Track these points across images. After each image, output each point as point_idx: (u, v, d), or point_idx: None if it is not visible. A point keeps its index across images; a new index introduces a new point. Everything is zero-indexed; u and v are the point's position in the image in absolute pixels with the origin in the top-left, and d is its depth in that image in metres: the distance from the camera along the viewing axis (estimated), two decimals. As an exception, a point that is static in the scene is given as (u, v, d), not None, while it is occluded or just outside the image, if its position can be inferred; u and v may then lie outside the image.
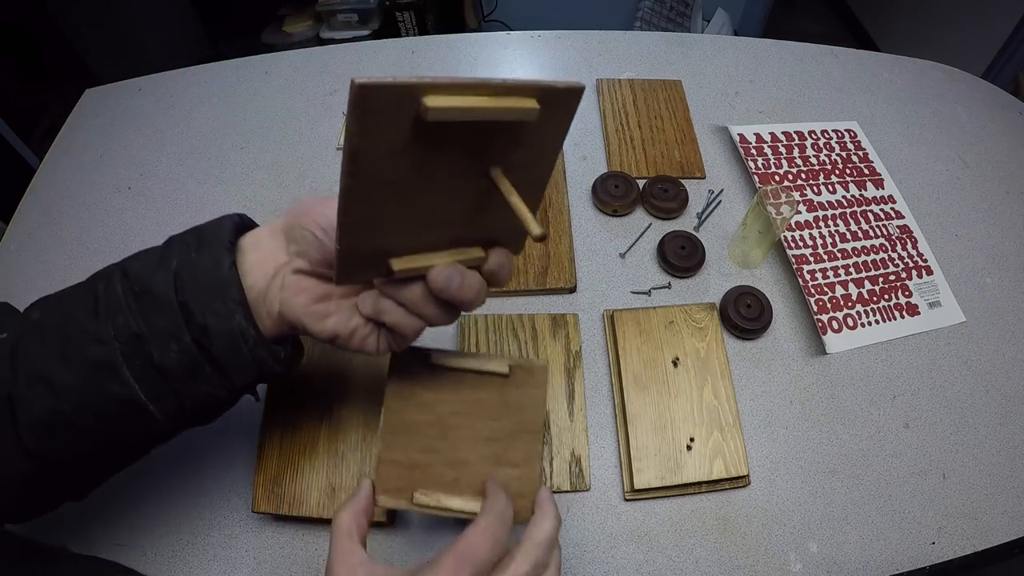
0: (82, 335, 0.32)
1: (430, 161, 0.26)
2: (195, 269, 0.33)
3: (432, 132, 0.25)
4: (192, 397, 0.34)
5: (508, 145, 0.28)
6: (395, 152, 0.25)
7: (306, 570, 0.48)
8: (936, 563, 0.49)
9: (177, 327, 0.32)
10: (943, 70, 0.89)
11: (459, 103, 0.24)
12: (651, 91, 0.79)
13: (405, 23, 1.86)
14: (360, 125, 0.23)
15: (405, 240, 0.29)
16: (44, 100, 1.98)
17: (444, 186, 0.28)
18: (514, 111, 0.25)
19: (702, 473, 0.51)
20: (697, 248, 0.63)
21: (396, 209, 0.28)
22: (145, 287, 0.32)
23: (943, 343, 0.61)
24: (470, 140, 0.27)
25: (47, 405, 0.32)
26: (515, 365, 0.39)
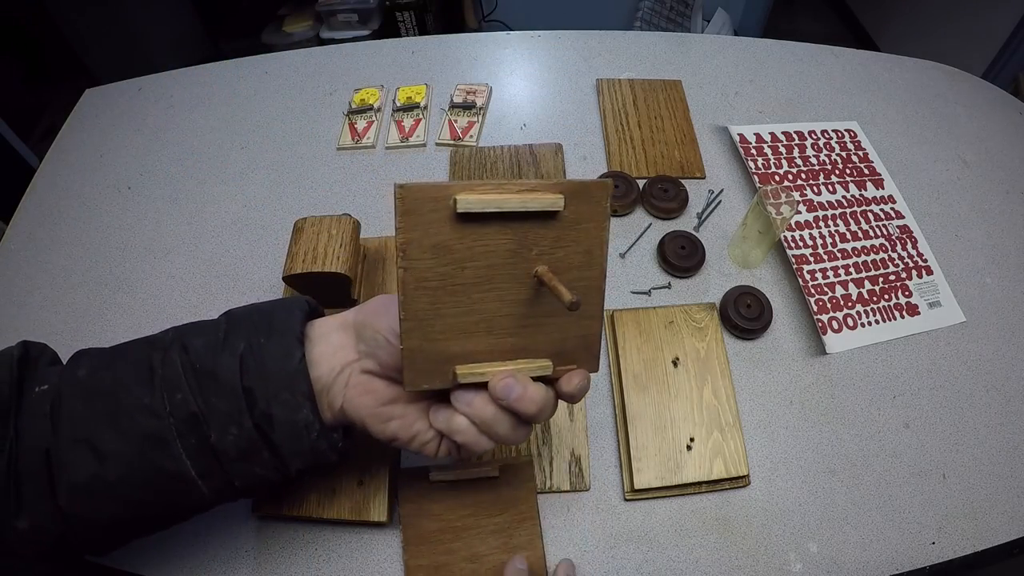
0: (135, 405, 0.32)
1: (477, 256, 0.29)
2: (263, 356, 0.32)
3: (472, 227, 0.28)
4: (243, 477, 0.34)
5: (551, 243, 0.30)
6: (441, 247, 0.28)
7: (306, 570, 0.48)
8: (936, 563, 0.49)
9: (239, 412, 0.32)
10: (943, 70, 0.89)
11: (487, 198, 0.27)
12: (651, 91, 0.79)
13: (405, 23, 1.86)
14: (405, 222, 0.26)
15: (468, 346, 0.30)
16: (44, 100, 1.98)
17: (497, 286, 0.30)
18: (540, 201, 0.28)
19: (702, 473, 0.51)
20: (697, 248, 0.63)
21: (452, 307, 0.29)
22: (208, 368, 0.32)
23: (943, 343, 0.61)
24: (511, 236, 0.29)
25: (90, 470, 0.31)
26: (503, 466, 0.48)
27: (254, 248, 0.66)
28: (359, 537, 0.49)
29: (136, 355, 0.34)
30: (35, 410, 0.32)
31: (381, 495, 0.47)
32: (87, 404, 0.32)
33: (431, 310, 0.28)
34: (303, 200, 0.70)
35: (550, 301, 0.30)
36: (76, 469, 0.32)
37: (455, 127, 0.75)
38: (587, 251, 0.32)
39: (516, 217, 0.28)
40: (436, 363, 0.30)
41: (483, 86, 0.80)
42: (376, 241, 0.59)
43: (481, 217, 0.28)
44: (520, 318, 0.31)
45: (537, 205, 0.29)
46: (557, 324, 0.32)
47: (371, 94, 0.78)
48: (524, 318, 0.31)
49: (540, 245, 0.30)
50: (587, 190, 0.30)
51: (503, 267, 0.29)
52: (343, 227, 0.52)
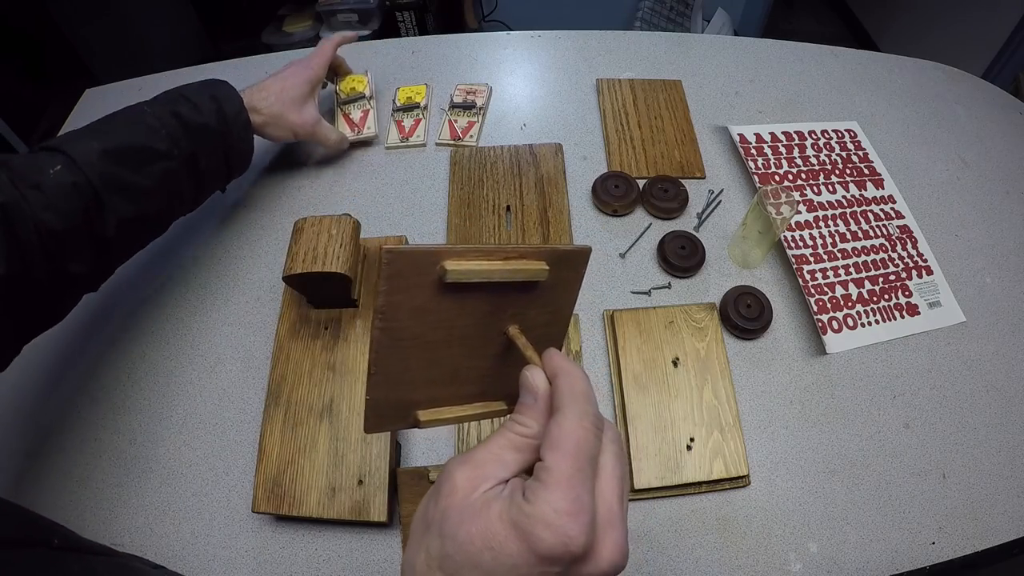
0: (155, 154, 0.51)
1: (453, 319, 0.29)
2: (227, 113, 0.57)
3: (453, 292, 0.28)
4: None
5: (524, 304, 0.31)
6: (420, 310, 0.28)
7: (306, 570, 0.48)
8: (936, 563, 0.49)
9: (218, 145, 0.57)
10: (943, 70, 0.89)
11: (475, 267, 0.27)
12: (651, 91, 0.79)
13: (405, 23, 1.86)
14: (389, 285, 0.26)
15: (431, 392, 0.31)
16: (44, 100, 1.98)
17: (468, 343, 0.30)
18: (526, 272, 0.29)
19: (702, 473, 0.51)
20: (697, 248, 0.63)
21: (423, 364, 0.29)
22: (200, 123, 0.54)
23: (943, 343, 0.61)
24: (489, 300, 0.29)
25: (131, 207, 0.49)
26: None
27: (254, 248, 0.66)
28: (359, 537, 0.49)
29: (139, 124, 0.52)
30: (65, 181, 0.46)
31: (381, 495, 0.47)
32: (118, 164, 0.48)
33: (400, 365, 0.29)
34: (303, 200, 0.70)
35: (514, 355, 0.31)
36: (120, 209, 0.48)
37: (455, 127, 0.75)
38: (556, 310, 0.33)
39: (499, 285, 0.29)
40: (398, 409, 0.30)
41: (483, 86, 0.80)
42: (376, 241, 0.59)
43: (465, 285, 0.28)
44: (485, 369, 0.32)
45: (523, 276, 0.29)
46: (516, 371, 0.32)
47: (359, 81, 0.76)
48: (489, 369, 0.32)
49: (514, 307, 0.30)
50: (568, 258, 0.31)
51: (476, 326, 0.30)
52: (343, 227, 0.52)
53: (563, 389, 0.26)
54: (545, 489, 0.23)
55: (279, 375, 0.53)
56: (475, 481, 0.24)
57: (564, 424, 0.24)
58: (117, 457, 0.53)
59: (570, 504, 0.22)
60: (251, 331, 0.60)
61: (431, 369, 0.30)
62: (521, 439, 0.25)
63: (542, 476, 0.23)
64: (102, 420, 0.55)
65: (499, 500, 0.24)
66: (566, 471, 0.23)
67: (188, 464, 0.53)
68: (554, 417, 0.25)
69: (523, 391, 0.27)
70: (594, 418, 0.26)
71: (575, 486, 0.23)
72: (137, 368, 0.58)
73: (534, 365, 0.28)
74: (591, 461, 0.24)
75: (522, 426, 0.25)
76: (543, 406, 0.26)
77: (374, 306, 0.27)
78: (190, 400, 0.56)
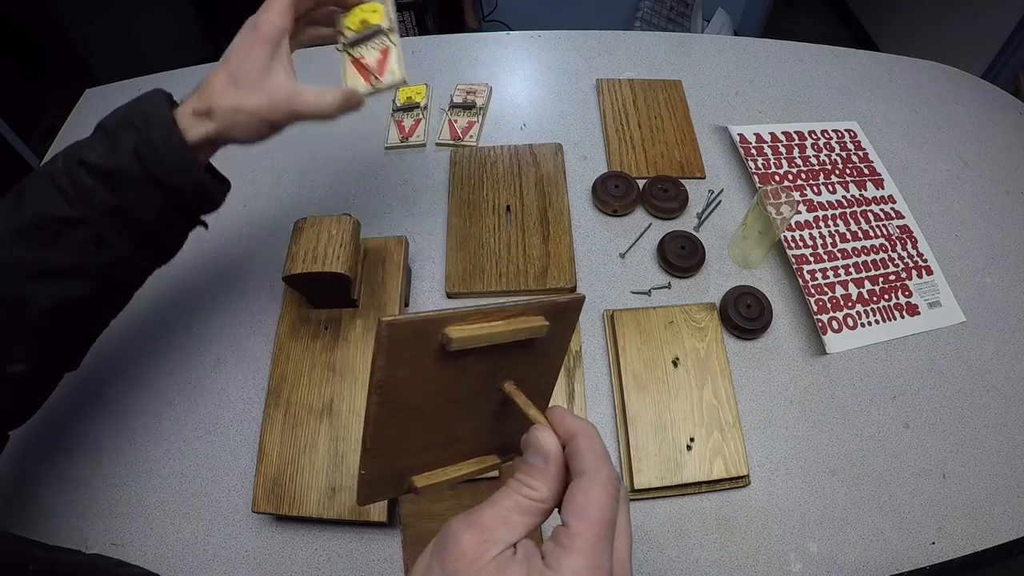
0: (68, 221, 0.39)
1: (451, 384, 0.28)
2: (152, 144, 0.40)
3: (453, 358, 0.27)
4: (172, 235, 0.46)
5: (521, 359, 0.30)
6: (419, 380, 0.27)
7: (306, 570, 0.48)
8: (936, 563, 0.49)
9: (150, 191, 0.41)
10: (943, 70, 0.89)
11: (479, 331, 0.26)
12: (651, 91, 0.79)
13: (405, 23, 1.86)
14: (388, 358, 0.25)
15: (427, 458, 0.30)
16: (44, 100, 1.98)
17: (464, 405, 0.30)
18: (527, 331, 0.28)
19: (702, 473, 0.51)
20: (697, 248, 0.63)
21: (419, 432, 0.29)
22: (113, 169, 0.39)
23: (943, 343, 0.61)
24: (488, 360, 0.29)
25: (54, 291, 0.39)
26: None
27: (254, 248, 0.66)
28: (359, 537, 0.49)
29: (43, 188, 0.40)
30: None
31: (381, 495, 0.47)
32: (30, 245, 0.39)
33: (397, 436, 0.28)
34: (303, 200, 0.70)
35: (508, 408, 0.30)
36: (40, 297, 0.39)
37: (455, 127, 0.75)
38: (549, 362, 0.33)
39: (501, 348, 0.28)
40: (392, 478, 0.29)
41: (483, 86, 0.80)
42: (376, 241, 0.59)
43: (466, 353, 0.27)
44: (480, 427, 0.31)
45: (525, 335, 0.28)
46: (509, 425, 0.32)
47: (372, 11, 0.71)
48: (483, 426, 0.31)
49: (511, 363, 0.30)
50: (565, 309, 0.30)
51: (473, 388, 0.29)
52: (343, 227, 0.52)
53: (585, 452, 0.25)
54: (568, 557, 0.23)
55: (279, 375, 0.53)
56: (484, 545, 0.24)
57: (591, 491, 0.24)
58: (117, 457, 0.53)
59: (593, 572, 0.22)
60: (251, 331, 0.60)
61: (427, 436, 0.29)
62: (529, 503, 0.25)
63: (565, 543, 0.23)
64: (102, 420, 0.55)
65: (514, 565, 0.23)
66: (591, 539, 0.23)
67: (188, 464, 0.53)
68: (579, 481, 0.24)
69: (530, 452, 0.26)
70: (616, 482, 0.25)
71: (598, 554, 0.23)
72: (137, 368, 0.58)
73: (542, 425, 0.27)
74: (612, 526, 0.24)
75: (531, 489, 0.25)
76: (554, 471, 0.25)
77: (370, 381, 0.25)
78: (190, 400, 0.56)
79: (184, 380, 0.57)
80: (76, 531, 0.50)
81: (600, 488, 0.24)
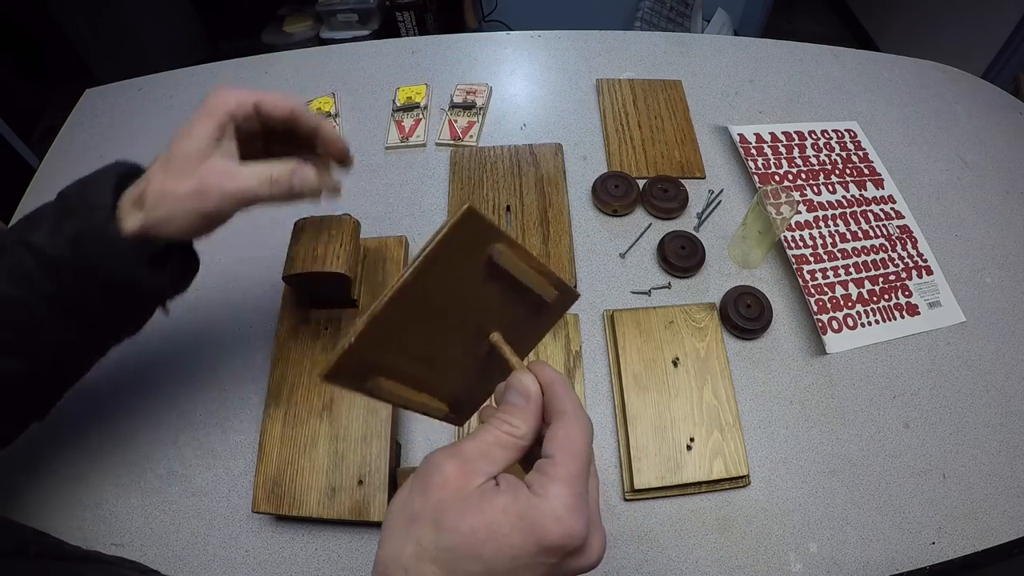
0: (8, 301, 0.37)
1: (470, 299, 0.30)
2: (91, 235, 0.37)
3: (487, 275, 0.29)
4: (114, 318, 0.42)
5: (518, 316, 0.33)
6: (453, 278, 0.28)
7: (306, 570, 0.48)
8: (936, 563, 0.49)
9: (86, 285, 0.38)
10: (943, 70, 0.89)
11: (519, 263, 0.29)
12: (651, 91, 0.79)
13: (405, 23, 1.86)
14: (451, 239, 0.26)
15: (401, 367, 0.31)
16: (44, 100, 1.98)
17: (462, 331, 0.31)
18: (544, 288, 0.31)
19: (702, 473, 0.51)
20: (697, 248, 0.63)
21: (418, 335, 0.30)
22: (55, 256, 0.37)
23: (943, 343, 0.61)
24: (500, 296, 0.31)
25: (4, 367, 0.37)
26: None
27: (254, 248, 0.66)
28: (359, 537, 0.49)
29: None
30: None
31: (381, 495, 0.47)
32: None
33: (400, 327, 0.28)
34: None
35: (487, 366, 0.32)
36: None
37: (455, 127, 0.75)
38: (529, 335, 0.35)
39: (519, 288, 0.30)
40: (365, 369, 0.29)
41: (483, 86, 0.80)
42: (376, 241, 0.59)
43: (498, 273, 0.29)
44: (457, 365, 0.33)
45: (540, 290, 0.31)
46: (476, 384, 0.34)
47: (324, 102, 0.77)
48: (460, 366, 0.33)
49: (509, 316, 0.32)
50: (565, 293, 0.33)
51: (478, 317, 0.31)
52: (343, 227, 0.52)
53: (564, 396, 0.27)
54: (553, 484, 0.24)
55: (279, 375, 0.53)
56: (467, 476, 0.25)
57: (572, 427, 0.26)
58: (117, 457, 0.53)
59: (576, 500, 0.24)
60: (251, 331, 0.60)
61: (420, 343, 0.30)
62: (509, 438, 0.26)
63: (551, 472, 0.25)
64: (102, 420, 0.55)
65: (501, 494, 0.24)
66: (574, 470, 0.25)
67: (188, 464, 0.53)
68: (560, 419, 0.27)
69: (512, 393, 0.28)
70: (591, 426, 0.27)
71: (580, 484, 0.25)
72: (137, 368, 0.58)
73: (524, 370, 0.29)
74: (589, 462, 0.26)
75: (511, 426, 0.26)
76: (534, 408, 0.27)
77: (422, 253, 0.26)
78: (190, 400, 0.56)
79: (183, 380, 0.57)
80: (76, 531, 0.50)
81: (580, 428, 0.26)
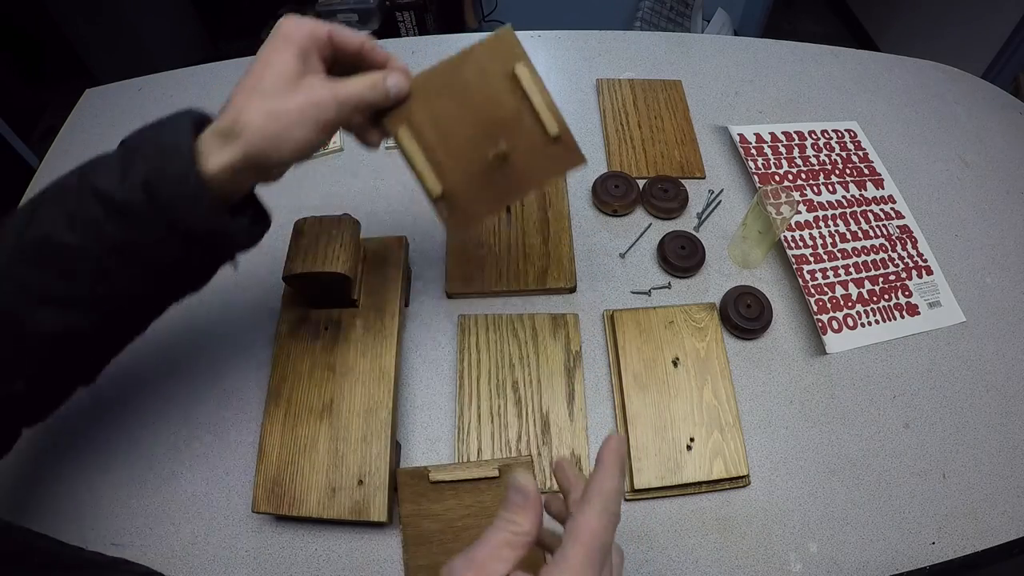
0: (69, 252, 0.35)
1: (490, 98, 0.40)
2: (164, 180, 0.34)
3: (509, 87, 0.40)
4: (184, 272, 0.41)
5: (526, 142, 0.41)
6: (486, 72, 0.41)
7: (306, 570, 0.48)
8: (936, 563, 0.49)
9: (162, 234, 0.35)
10: (943, 70, 0.89)
11: (535, 85, 0.41)
12: (651, 91, 0.79)
13: (405, 23, 1.86)
14: (489, 40, 0.40)
15: (424, 132, 0.40)
16: (44, 100, 1.98)
17: (474, 126, 0.41)
18: (549, 119, 0.42)
19: (702, 473, 0.51)
20: (697, 248, 0.63)
21: (446, 109, 0.40)
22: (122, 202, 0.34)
23: (943, 343, 0.61)
24: (518, 113, 0.40)
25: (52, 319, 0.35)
26: (503, 466, 0.47)
27: (254, 248, 0.66)
28: (359, 537, 0.49)
29: (53, 206, 0.36)
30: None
31: (381, 495, 0.47)
32: (31, 265, 0.35)
33: (435, 89, 0.41)
34: (303, 200, 0.70)
35: (489, 180, 0.42)
36: (38, 322, 0.35)
37: (455, 127, 0.75)
38: (536, 170, 0.44)
39: (531, 110, 0.41)
40: (401, 111, 0.41)
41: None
42: (376, 241, 0.59)
43: (516, 88, 0.41)
44: (464, 158, 0.42)
45: (544, 120, 0.42)
46: (475, 188, 0.44)
47: None
48: (467, 160, 0.42)
49: (517, 139, 0.41)
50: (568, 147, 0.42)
51: (492, 119, 0.40)
52: (343, 227, 0.52)
53: (593, 485, 0.29)
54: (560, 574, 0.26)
55: (279, 375, 0.53)
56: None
57: (589, 515, 0.27)
58: (117, 457, 0.53)
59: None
60: (251, 331, 0.60)
61: (445, 113, 0.40)
62: (515, 537, 0.28)
63: (559, 562, 0.26)
64: (102, 420, 0.55)
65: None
66: (581, 558, 0.26)
67: (188, 464, 0.53)
68: (581, 507, 0.28)
69: (512, 490, 0.29)
70: (613, 515, 0.28)
71: (587, 571, 0.26)
72: (137, 368, 0.58)
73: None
74: (603, 550, 0.27)
75: (515, 524, 0.28)
76: (533, 505, 0.28)
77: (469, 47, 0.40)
78: (190, 400, 0.56)
79: (184, 380, 0.57)
80: (76, 531, 0.50)
81: (596, 515, 0.27)
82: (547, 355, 0.57)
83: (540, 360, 0.57)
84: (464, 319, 0.59)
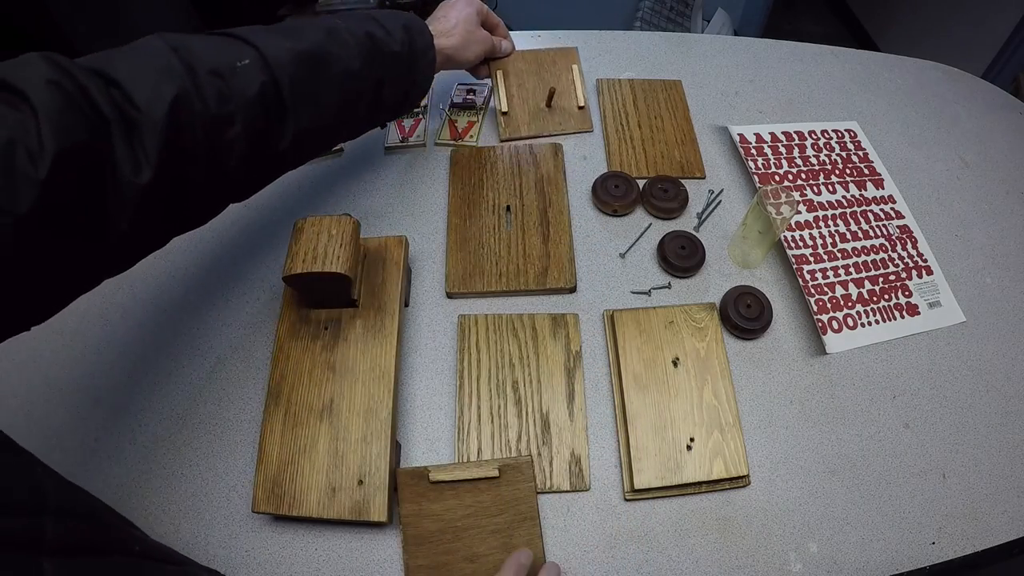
0: (346, 72, 0.49)
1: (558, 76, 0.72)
2: (417, 49, 0.56)
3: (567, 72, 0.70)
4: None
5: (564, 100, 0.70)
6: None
7: (306, 570, 0.48)
8: (936, 563, 0.49)
9: (404, 78, 0.56)
10: (943, 70, 0.89)
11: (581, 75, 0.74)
12: (651, 91, 0.79)
13: (405, 23, 1.86)
14: None
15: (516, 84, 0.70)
16: (44, 100, 1.98)
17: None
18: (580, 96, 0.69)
19: (702, 473, 0.51)
20: (697, 248, 0.63)
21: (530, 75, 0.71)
22: (394, 51, 0.53)
23: (943, 343, 0.61)
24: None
25: (313, 118, 0.47)
26: (503, 466, 0.48)
27: (254, 248, 0.66)
28: (359, 537, 0.49)
29: (337, 38, 0.49)
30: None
31: (381, 495, 0.47)
32: (310, 69, 0.46)
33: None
34: (303, 200, 0.70)
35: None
36: (302, 118, 0.46)
37: (455, 127, 0.75)
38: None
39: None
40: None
41: (483, 86, 0.80)
42: (376, 241, 0.59)
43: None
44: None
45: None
46: None
47: None
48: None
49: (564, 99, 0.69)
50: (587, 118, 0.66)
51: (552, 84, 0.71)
52: (343, 227, 0.52)
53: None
54: None
55: (279, 375, 0.53)
56: None
57: None
58: (117, 457, 0.53)
59: None
60: (251, 331, 0.60)
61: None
62: None
63: None
64: (102, 420, 0.55)
65: None
66: None
67: (188, 464, 0.53)
68: None
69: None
70: None
71: None
72: (137, 368, 0.58)
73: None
74: None
75: None
76: None
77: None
78: (190, 400, 0.56)
79: (184, 380, 0.57)
80: (76, 531, 0.50)
81: None
82: (547, 355, 0.57)
83: (540, 360, 0.57)
84: (464, 319, 0.59)
